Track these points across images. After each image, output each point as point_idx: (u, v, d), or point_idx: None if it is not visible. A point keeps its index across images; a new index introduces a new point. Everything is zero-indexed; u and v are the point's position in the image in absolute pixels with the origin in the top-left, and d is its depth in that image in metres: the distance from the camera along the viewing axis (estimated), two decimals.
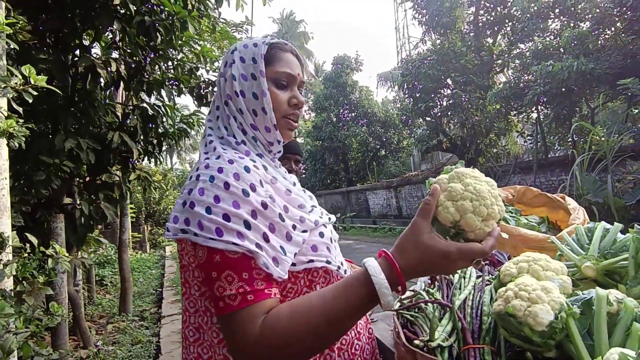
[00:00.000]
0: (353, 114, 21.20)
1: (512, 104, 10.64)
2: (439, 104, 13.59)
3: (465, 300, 0.81)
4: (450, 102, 12.93)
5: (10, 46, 1.96)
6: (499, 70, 13.13)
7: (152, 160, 3.94)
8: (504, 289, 0.70)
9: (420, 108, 13.24)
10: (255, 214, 0.69)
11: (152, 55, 3.44)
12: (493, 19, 12.04)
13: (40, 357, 2.33)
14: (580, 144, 8.76)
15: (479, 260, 0.62)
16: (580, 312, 0.64)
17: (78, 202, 3.25)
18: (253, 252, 0.66)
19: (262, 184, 0.72)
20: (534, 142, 10.57)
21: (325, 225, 0.83)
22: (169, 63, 3.75)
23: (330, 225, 0.87)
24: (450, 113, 13.18)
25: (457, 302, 0.81)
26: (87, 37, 3.44)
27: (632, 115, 8.60)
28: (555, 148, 10.97)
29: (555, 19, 10.22)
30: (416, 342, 0.73)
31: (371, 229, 15.21)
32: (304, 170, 23.86)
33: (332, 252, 0.80)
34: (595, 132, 7.01)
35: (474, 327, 0.75)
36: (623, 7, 7.93)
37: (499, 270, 0.83)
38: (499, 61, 12.62)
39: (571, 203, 1.50)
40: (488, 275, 0.97)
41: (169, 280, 6.61)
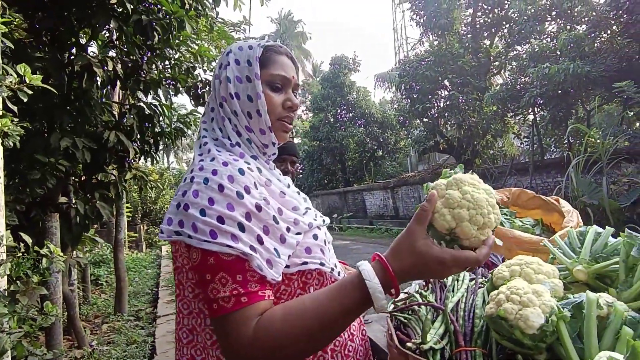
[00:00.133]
0: (350, 115, 21.22)
1: (509, 105, 10.69)
2: (436, 105, 13.63)
3: (458, 303, 0.82)
4: (448, 103, 12.97)
5: (6, 44, 1.96)
6: (496, 72, 13.19)
7: (149, 159, 3.93)
8: (496, 292, 0.70)
9: (418, 109, 13.28)
10: (249, 216, 0.69)
11: (149, 55, 3.43)
12: (490, 20, 12.09)
13: (34, 357, 2.32)
14: (576, 146, 8.82)
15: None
16: (571, 316, 0.64)
17: (73, 201, 3.23)
18: (247, 255, 0.66)
19: (256, 186, 0.73)
20: (530, 143, 10.62)
21: (319, 228, 0.83)
22: (166, 62, 3.74)
23: (324, 227, 0.87)
24: (447, 114, 13.23)
25: (450, 305, 0.81)
26: (84, 36, 3.43)
27: (627, 117, 8.67)
28: (551, 150, 11.04)
29: (552, 21, 10.28)
30: (409, 344, 0.73)
31: (368, 230, 15.23)
32: (300, 171, 23.86)
33: (325, 254, 0.81)
34: (590, 135, 7.05)
35: (466, 329, 0.75)
36: (619, 10, 7.98)
37: (492, 273, 0.83)
38: (496, 63, 12.68)
39: (565, 206, 1.51)
40: (481, 277, 0.97)
41: (165, 280, 6.58)
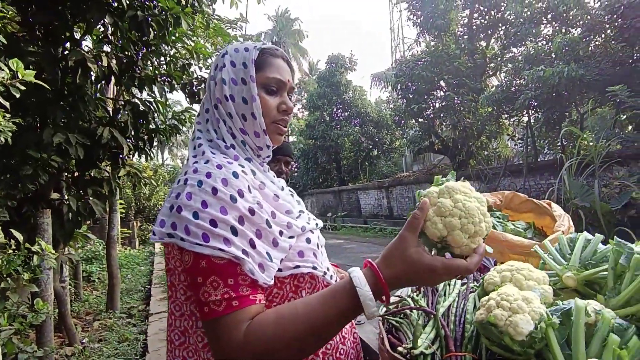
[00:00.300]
0: (346, 114, 21.22)
1: (504, 107, 10.75)
2: (432, 105, 13.67)
3: (449, 308, 0.83)
4: (443, 104, 13.01)
5: None
6: (491, 74, 13.26)
7: (143, 156, 3.91)
8: (486, 298, 0.71)
9: (413, 109, 13.30)
10: (242, 220, 0.69)
11: (144, 51, 3.40)
12: (487, 22, 12.13)
13: (24, 354, 2.31)
14: (569, 148, 8.90)
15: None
16: (560, 322, 0.65)
17: (66, 198, 3.21)
18: (239, 259, 0.66)
19: (250, 189, 0.73)
20: (524, 145, 10.69)
21: (312, 231, 0.83)
22: (162, 59, 3.72)
23: (318, 231, 0.88)
24: (442, 115, 13.27)
25: (441, 310, 0.82)
26: (78, 30, 3.40)
27: (619, 121, 8.76)
28: (544, 152, 11.12)
29: (548, 24, 10.35)
30: (400, 349, 0.74)
31: (362, 229, 15.27)
32: (296, 169, 23.83)
33: (318, 258, 0.81)
34: (583, 138, 7.12)
35: (456, 334, 0.76)
36: (614, 14, 8.04)
37: (484, 278, 0.84)
38: (492, 64, 12.73)
39: (557, 210, 1.53)
40: (473, 281, 0.98)
41: (158, 277, 6.54)
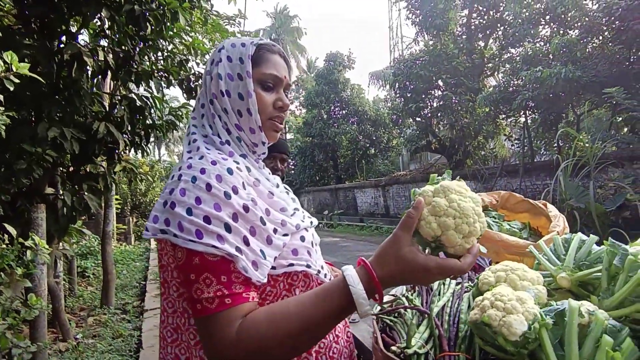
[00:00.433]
0: (344, 112, 21.22)
1: (501, 107, 10.78)
2: (430, 104, 13.70)
3: (443, 307, 0.83)
4: (441, 103, 13.05)
5: None
6: (489, 74, 13.29)
7: (139, 151, 3.89)
8: (480, 298, 0.71)
9: (411, 108, 13.32)
10: (236, 217, 0.68)
11: (141, 45, 3.38)
12: (485, 22, 12.16)
13: (17, 349, 2.29)
14: (565, 149, 8.93)
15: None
16: (553, 323, 0.65)
17: (61, 193, 3.19)
18: (232, 256, 0.65)
19: (244, 186, 0.72)
20: (521, 146, 10.74)
21: (306, 229, 0.83)
22: (159, 54, 3.69)
23: (312, 229, 0.87)
24: (440, 114, 13.30)
25: (436, 309, 0.82)
26: (75, 24, 3.37)
27: (615, 123, 8.81)
28: (541, 153, 11.17)
29: (546, 25, 10.38)
30: (393, 348, 0.73)
31: (358, 227, 15.30)
32: (293, 167, 23.82)
33: (312, 256, 0.80)
34: (580, 139, 7.15)
35: (450, 334, 0.76)
36: (611, 16, 8.07)
37: (478, 278, 0.84)
38: (490, 65, 12.77)
39: (552, 210, 1.53)
40: (467, 281, 0.98)
41: (153, 274, 6.52)
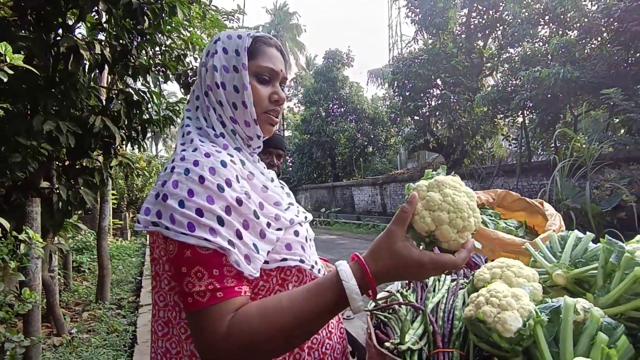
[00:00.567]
0: (342, 109, 21.21)
1: (499, 107, 10.80)
2: (428, 103, 13.71)
3: (438, 304, 0.82)
4: (439, 102, 13.05)
5: None
6: (488, 73, 13.31)
7: (136, 146, 3.87)
8: (476, 294, 0.70)
9: (409, 107, 13.33)
10: (229, 210, 0.67)
11: (138, 39, 3.35)
12: (485, 22, 12.16)
13: (10, 343, 2.28)
14: (562, 150, 8.96)
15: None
16: (548, 320, 0.65)
17: (56, 186, 3.16)
18: (225, 249, 0.65)
19: (238, 179, 0.71)
20: (518, 146, 10.76)
21: (301, 224, 0.82)
22: (156, 48, 3.67)
23: (307, 224, 0.86)
24: (438, 113, 13.31)
25: (430, 306, 0.81)
26: (72, 17, 3.34)
27: (612, 124, 8.84)
28: (538, 153, 11.21)
29: (545, 25, 10.39)
30: (387, 344, 0.73)
31: (355, 225, 15.32)
32: (290, 164, 23.80)
33: (306, 251, 0.80)
34: (577, 140, 7.18)
35: (444, 331, 0.75)
36: (610, 18, 8.08)
37: (473, 274, 0.83)
38: (489, 64, 12.78)
39: (549, 209, 1.52)
40: (463, 278, 0.98)
41: (149, 269, 6.49)
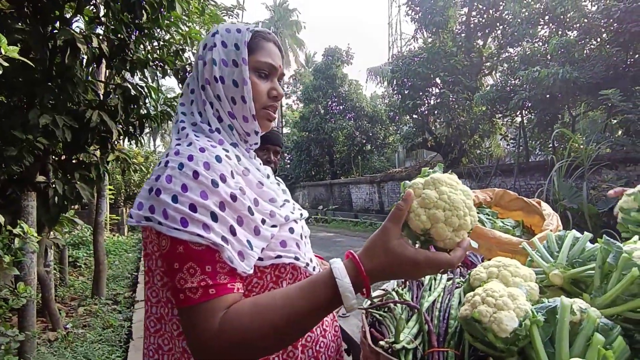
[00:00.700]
0: (341, 107, 21.18)
1: (498, 107, 10.80)
2: (427, 102, 13.70)
3: (434, 303, 0.81)
4: (438, 101, 13.04)
5: None
6: (487, 73, 13.29)
7: (133, 141, 3.85)
8: (472, 293, 0.70)
9: (408, 105, 13.31)
10: (223, 205, 0.66)
11: (136, 34, 3.33)
12: (485, 21, 12.14)
13: (4, 337, 2.27)
14: (560, 150, 8.97)
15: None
16: (545, 320, 0.64)
17: (52, 181, 3.14)
18: (218, 245, 0.64)
19: (233, 175, 0.70)
20: (516, 145, 10.76)
21: (296, 221, 0.81)
22: (155, 43, 3.64)
23: (302, 221, 0.85)
24: (437, 112, 13.30)
25: (426, 305, 0.81)
26: (69, 10, 3.31)
27: (610, 125, 8.84)
28: (536, 153, 11.22)
29: (545, 25, 10.37)
30: (381, 342, 0.72)
31: (352, 223, 15.33)
32: (289, 161, 23.77)
33: (301, 249, 0.79)
34: (575, 140, 7.18)
35: (440, 330, 0.75)
36: (610, 18, 8.08)
37: (470, 273, 0.83)
38: (488, 64, 12.77)
39: (546, 209, 1.52)
40: (459, 277, 0.97)
41: None
